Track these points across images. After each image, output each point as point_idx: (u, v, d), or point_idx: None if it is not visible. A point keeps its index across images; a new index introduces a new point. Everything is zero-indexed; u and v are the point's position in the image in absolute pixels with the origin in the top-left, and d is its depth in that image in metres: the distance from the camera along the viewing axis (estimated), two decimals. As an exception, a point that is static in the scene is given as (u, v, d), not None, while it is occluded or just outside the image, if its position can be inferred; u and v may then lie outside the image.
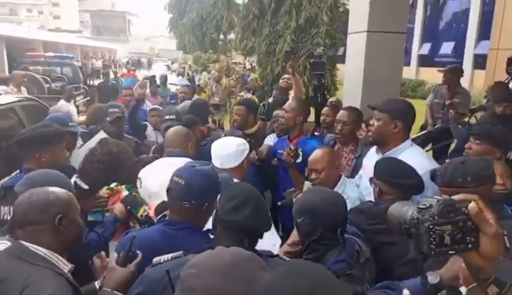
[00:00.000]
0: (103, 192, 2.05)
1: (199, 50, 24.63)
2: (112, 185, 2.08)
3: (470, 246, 0.76)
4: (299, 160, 2.86)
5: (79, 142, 3.18)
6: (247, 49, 11.23)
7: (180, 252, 1.40)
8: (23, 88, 5.61)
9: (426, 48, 20.48)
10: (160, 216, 1.89)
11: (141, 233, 1.67)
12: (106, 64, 28.50)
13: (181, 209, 1.65)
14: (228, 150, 2.36)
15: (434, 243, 0.76)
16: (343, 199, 1.76)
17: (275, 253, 1.54)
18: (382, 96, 3.87)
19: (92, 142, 2.66)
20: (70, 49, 27.61)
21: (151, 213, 2.00)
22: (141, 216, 1.98)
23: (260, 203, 1.49)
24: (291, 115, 3.16)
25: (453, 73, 5.03)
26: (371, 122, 2.50)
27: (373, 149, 2.50)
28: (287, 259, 1.55)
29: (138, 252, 1.51)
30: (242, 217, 1.40)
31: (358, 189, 2.40)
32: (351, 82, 4.21)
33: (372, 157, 2.38)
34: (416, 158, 2.12)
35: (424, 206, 0.79)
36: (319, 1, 9.00)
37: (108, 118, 3.43)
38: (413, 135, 4.67)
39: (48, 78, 9.07)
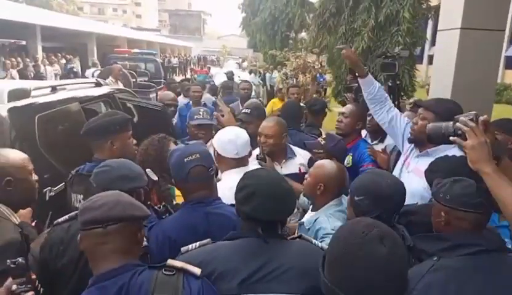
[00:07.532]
0: None
1: (269, 49, 24.85)
2: None
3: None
4: (349, 164, 2.77)
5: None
6: (321, 47, 11.04)
7: (207, 240, 1.43)
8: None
9: (515, 49, 18.68)
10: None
11: (171, 220, 1.70)
12: (181, 61, 30.04)
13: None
14: (242, 140, 2.32)
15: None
16: (404, 186, 1.73)
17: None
18: (474, 100, 3.64)
19: None
20: (150, 46, 29.42)
21: None
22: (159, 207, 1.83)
23: (273, 191, 1.41)
24: (351, 120, 3.01)
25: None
26: (414, 120, 2.42)
27: (410, 148, 2.47)
28: (312, 240, 1.54)
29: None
30: (249, 208, 1.39)
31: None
32: (438, 84, 3.97)
33: (422, 158, 2.34)
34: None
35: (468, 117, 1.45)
36: (401, -2, 8.61)
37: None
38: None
39: (134, 73, 9.71)
